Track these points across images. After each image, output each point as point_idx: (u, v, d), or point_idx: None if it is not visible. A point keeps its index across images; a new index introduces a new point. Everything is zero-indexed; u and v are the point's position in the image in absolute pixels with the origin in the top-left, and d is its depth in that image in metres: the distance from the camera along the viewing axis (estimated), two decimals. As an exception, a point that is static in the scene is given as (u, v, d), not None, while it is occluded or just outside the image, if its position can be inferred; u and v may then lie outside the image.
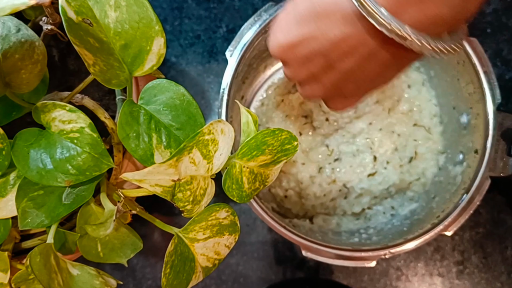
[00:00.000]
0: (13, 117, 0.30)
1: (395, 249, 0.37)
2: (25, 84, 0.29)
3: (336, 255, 0.37)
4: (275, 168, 0.30)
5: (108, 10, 0.27)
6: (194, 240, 0.28)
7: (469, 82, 0.39)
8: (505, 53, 0.48)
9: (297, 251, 0.46)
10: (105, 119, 0.32)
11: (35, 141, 0.28)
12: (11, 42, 0.28)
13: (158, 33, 0.28)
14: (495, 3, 0.48)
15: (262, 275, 0.46)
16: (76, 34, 0.26)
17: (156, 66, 0.29)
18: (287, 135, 0.28)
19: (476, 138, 0.38)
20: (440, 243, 0.46)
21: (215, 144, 0.25)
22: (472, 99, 0.39)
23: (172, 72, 0.49)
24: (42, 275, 0.25)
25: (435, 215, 0.39)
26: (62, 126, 0.28)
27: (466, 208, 0.37)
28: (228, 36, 0.49)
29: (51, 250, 0.27)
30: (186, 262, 0.27)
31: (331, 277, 0.46)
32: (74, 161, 0.27)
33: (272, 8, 0.38)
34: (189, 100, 0.29)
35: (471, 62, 0.37)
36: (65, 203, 0.28)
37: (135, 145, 0.28)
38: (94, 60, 0.27)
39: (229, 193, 0.28)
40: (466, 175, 0.39)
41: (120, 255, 0.31)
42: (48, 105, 0.28)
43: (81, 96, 0.32)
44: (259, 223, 0.47)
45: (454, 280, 0.46)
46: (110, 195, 0.30)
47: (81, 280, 0.28)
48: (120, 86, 0.29)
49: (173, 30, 0.49)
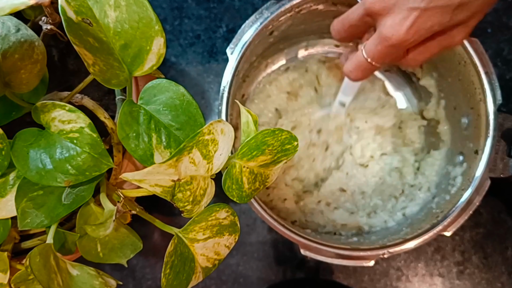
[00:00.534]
0: (13, 117, 0.30)
1: (394, 248, 0.37)
2: (24, 84, 0.28)
3: (335, 254, 0.37)
4: (275, 168, 0.30)
5: (107, 10, 0.27)
6: (194, 240, 0.28)
7: (470, 83, 0.39)
8: (506, 53, 0.48)
9: (297, 251, 0.46)
10: (104, 119, 0.32)
11: (34, 141, 0.28)
12: (10, 42, 0.28)
13: (158, 33, 0.28)
14: (495, 2, 0.48)
15: (262, 276, 0.46)
16: (76, 34, 0.26)
17: (156, 66, 0.29)
18: (287, 135, 0.28)
19: (476, 139, 0.38)
20: (441, 243, 0.46)
21: (215, 144, 0.25)
22: (473, 100, 0.39)
23: (172, 72, 0.49)
24: (42, 275, 0.25)
25: (434, 215, 0.39)
26: (61, 126, 0.28)
27: (466, 209, 0.37)
28: (228, 36, 0.49)
29: (51, 251, 0.27)
30: (186, 262, 0.27)
31: (331, 277, 0.46)
32: (73, 161, 0.27)
33: (274, 6, 0.38)
34: (189, 100, 0.29)
35: (473, 62, 0.37)
36: (64, 203, 0.28)
37: (135, 145, 0.27)
38: (94, 60, 0.27)
39: (229, 193, 0.28)
40: (466, 176, 0.39)
41: (120, 256, 0.31)
42: (48, 105, 0.28)
43: (80, 96, 0.32)
44: (259, 223, 0.47)
45: (454, 280, 0.46)
46: (109, 195, 0.30)
47: (80, 280, 0.28)
48: (119, 86, 0.29)
49: (173, 30, 0.49)
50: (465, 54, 0.38)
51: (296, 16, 0.40)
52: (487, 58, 0.37)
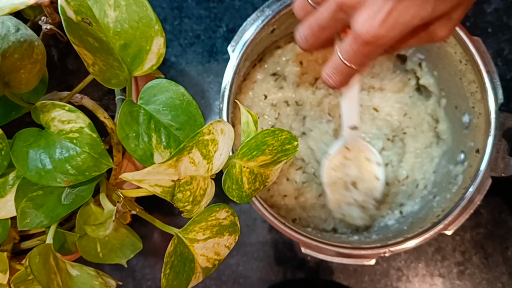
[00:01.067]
0: (12, 117, 0.30)
1: (395, 247, 0.37)
2: (24, 84, 0.28)
3: (336, 253, 0.37)
4: (275, 168, 0.30)
5: (107, 9, 0.27)
6: (194, 240, 0.28)
7: (471, 81, 0.39)
8: (506, 53, 0.48)
9: (297, 252, 0.46)
10: (104, 119, 0.32)
11: (34, 141, 0.28)
12: (10, 42, 0.28)
13: (157, 33, 0.28)
14: (496, 2, 0.48)
15: (262, 276, 0.46)
16: (76, 33, 0.25)
17: (155, 66, 0.29)
18: (287, 135, 0.28)
19: (477, 138, 0.38)
20: (441, 244, 0.46)
21: (215, 144, 0.25)
22: (474, 99, 0.39)
23: (172, 72, 0.49)
24: (41, 275, 0.25)
25: (435, 214, 0.39)
26: (61, 126, 0.27)
27: (467, 208, 0.37)
28: (228, 36, 0.49)
29: (50, 251, 0.27)
30: (186, 262, 0.27)
31: (331, 277, 0.46)
32: (73, 161, 0.27)
33: (275, 4, 0.38)
34: (189, 100, 0.29)
35: (474, 61, 0.37)
36: (64, 204, 0.28)
37: (135, 145, 0.27)
38: (94, 59, 0.27)
39: (229, 193, 0.28)
40: (467, 175, 0.39)
41: (120, 256, 0.31)
42: (47, 105, 0.28)
43: (80, 96, 0.32)
44: (259, 223, 0.47)
45: (455, 280, 0.46)
46: (109, 195, 0.30)
47: (80, 280, 0.28)
48: (119, 86, 0.29)
49: (172, 29, 0.49)
50: (466, 53, 0.38)
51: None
52: (489, 57, 0.37)
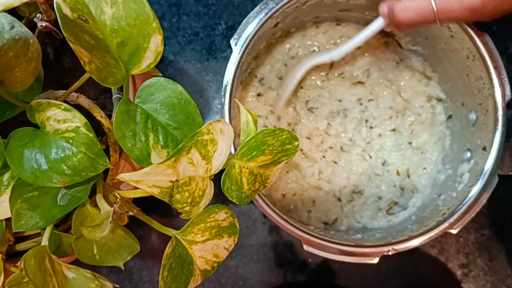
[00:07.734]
0: (7, 116, 0.30)
1: (399, 245, 0.36)
2: (19, 82, 0.28)
3: (338, 251, 0.36)
4: (275, 168, 0.30)
5: (104, 6, 0.27)
6: (193, 242, 0.27)
7: (478, 78, 0.38)
8: (511, 51, 0.47)
9: (298, 253, 0.46)
10: (101, 118, 0.32)
11: (29, 141, 0.28)
12: (4, 40, 0.27)
13: (155, 30, 0.28)
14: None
15: (262, 278, 0.46)
16: (72, 31, 0.25)
17: (153, 64, 0.28)
18: (288, 135, 0.28)
19: (484, 135, 0.38)
20: (445, 245, 0.46)
21: (214, 144, 0.25)
22: (481, 95, 0.38)
23: (169, 70, 0.48)
24: (37, 278, 0.25)
25: (440, 212, 0.38)
26: (57, 126, 0.27)
27: (473, 206, 0.36)
28: (227, 33, 0.48)
29: (46, 253, 0.27)
30: (184, 264, 0.27)
31: (332, 280, 0.46)
32: (69, 161, 0.27)
33: None
34: (187, 99, 0.29)
35: (481, 57, 0.37)
36: (60, 205, 0.28)
37: (132, 144, 0.27)
38: (90, 57, 0.26)
39: (228, 194, 0.28)
40: (473, 173, 0.38)
41: (117, 258, 0.31)
42: (43, 104, 0.27)
43: (76, 95, 0.32)
44: (259, 224, 0.46)
45: (459, 283, 0.46)
46: (106, 196, 0.30)
47: (76, 283, 0.28)
48: (116, 84, 0.28)
49: (171, 27, 0.49)
50: (474, 48, 0.37)
51: (301, 8, 0.39)
52: (496, 53, 0.36)
